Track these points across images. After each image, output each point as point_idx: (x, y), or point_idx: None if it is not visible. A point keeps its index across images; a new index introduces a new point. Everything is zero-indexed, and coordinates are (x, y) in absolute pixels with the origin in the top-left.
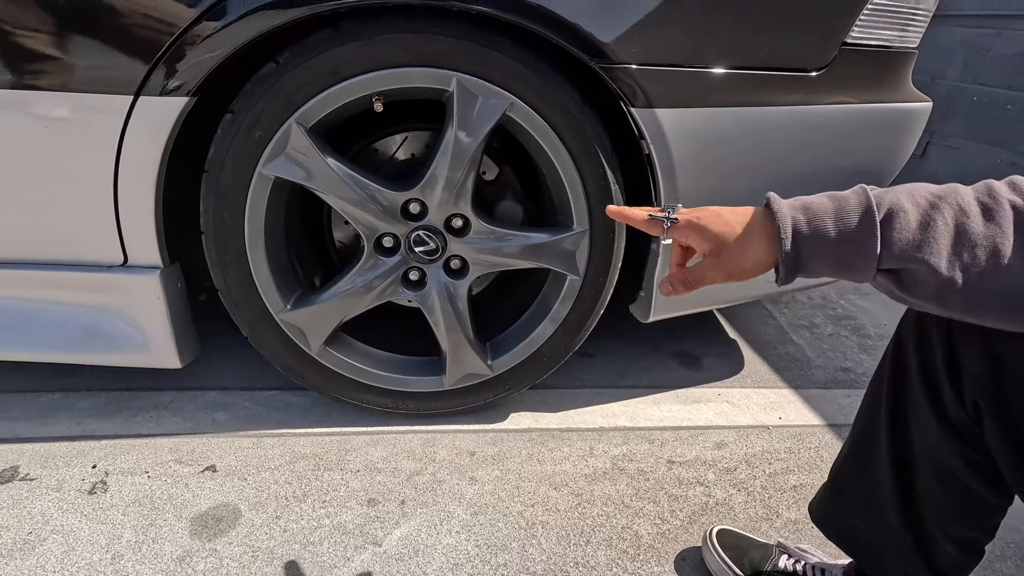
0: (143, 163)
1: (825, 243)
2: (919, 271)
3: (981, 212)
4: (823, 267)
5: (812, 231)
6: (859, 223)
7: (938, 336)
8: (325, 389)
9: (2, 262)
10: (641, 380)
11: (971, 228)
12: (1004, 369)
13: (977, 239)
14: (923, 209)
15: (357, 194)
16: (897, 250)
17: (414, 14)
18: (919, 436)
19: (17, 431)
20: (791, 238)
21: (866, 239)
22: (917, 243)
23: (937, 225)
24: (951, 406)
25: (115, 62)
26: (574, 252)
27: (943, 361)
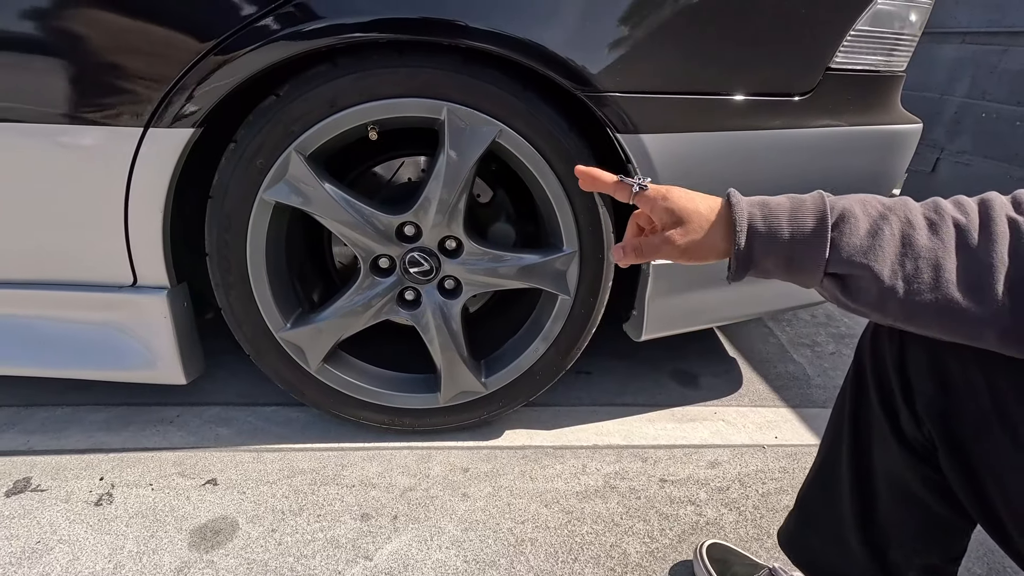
0: (152, 190)
1: (778, 242)
2: (863, 277)
3: (927, 226)
4: (773, 266)
5: (767, 229)
6: (812, 226)
7: (891, 357)
8: (324, 405)
9: (20, 282)
10: (637, 398)
11: (916, 240)
12: (952, 392)
13: (920, 252)
14: (872, 218)
15: (353, 217)
16: (844, 255)
17: (406, 49)
18: (880, 458)
19: (32, 444)
20: (746, 233)
21: (816, 241)
22: (864, 249)
23: (884, 234)
24: (908, 427)
25: (127, 97)
26: (565, 272)
27: (897, 382)
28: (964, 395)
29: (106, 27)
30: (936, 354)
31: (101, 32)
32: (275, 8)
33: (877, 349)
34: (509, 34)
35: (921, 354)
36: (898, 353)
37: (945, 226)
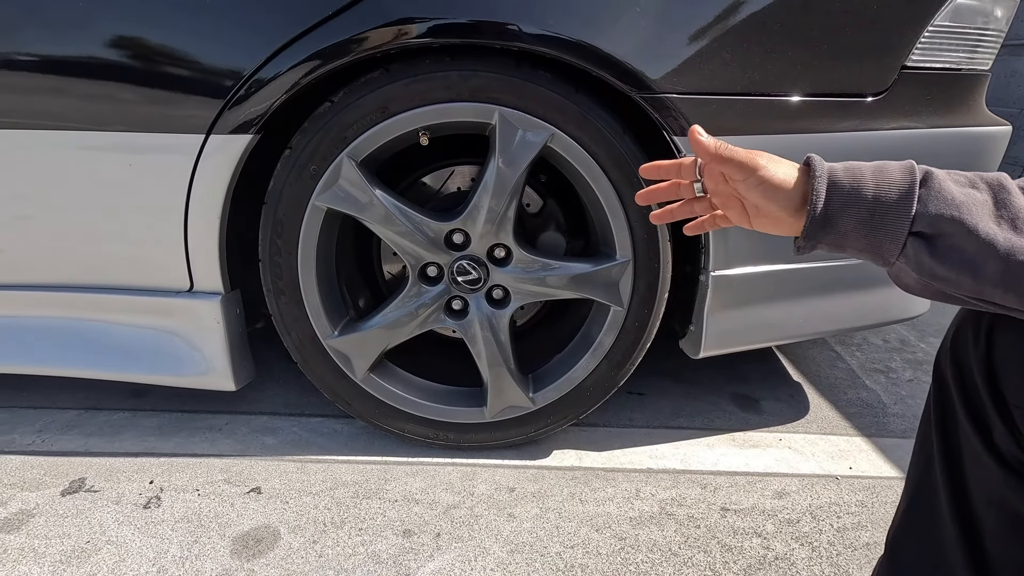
0: (211, 195)
1: (860, 197)
2: (955, 234)
3: (1022, 191)
4: (853, 226)
5: (850, 182)
6: (899, 180)
7: (978, 362)
8: (368, 416)
9: (83, 286)
10: (694, 421)
11: (1012, 201)
12: None
13: (1018, 211)
14: (960, 183)
15: (402, 224)
16: (934, 209)
17: (458, 53)
18: (977, 483)
19: (89, 446)
20: (826, 184)
21: (903, 197)
22: (956, 203)
23: (976, 195)
24: (1004, 442)
25: (191, 105)
26: (618, 282)
27: (987, 392)
28: None
29: (174, 37)
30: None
31: (171, 41)
32: (330, 18)
33: (959, 353)
34: (563, 36)
35: (1014, 357)
36: (985, 357)
37: None
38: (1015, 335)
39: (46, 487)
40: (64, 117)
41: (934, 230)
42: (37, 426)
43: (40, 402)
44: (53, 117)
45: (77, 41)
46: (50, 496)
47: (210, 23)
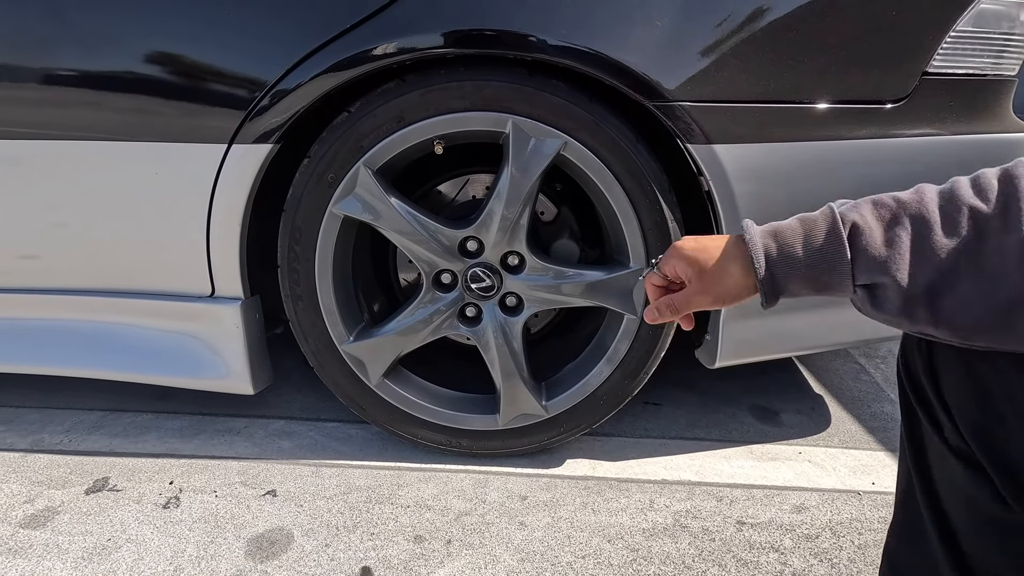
0: (233, 203)
1: (796, 265)
2: (887, 286)
3: (941, 222)
4: (801, 287)
5: (782, 255)
6: (825, 243)
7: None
8: (382, 422)
9: (114, 291)
10: (711, 433)
11: (932, 241)
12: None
13: (937, 252)
14: (886, 222)
15: (417, 231)
16: (864, 267)
17: (472, 63)
18: (944, 482)
19: (113, 446)
20: (764, 264)
21: (836, 259)
22: (883, 259)
23: (901, 240)
24: (953, 438)
25: (214, 116)
26: (631, 290)
27: (933, 395)
28: (1006, 412)
29: (198, 50)
30: (969, 364)
31: (195, 55)
32: (348, 31)
33: (908, 359)
34: (578, 46)
35: (952, 365)
36: (928, 362)
37: (961, 218)
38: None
39: (71, 485)
40: (95, 128)
41: (869, 281)
42: (65, 426)
43: (69, 403)
44: (85, 128)
45: (108, 56)
46: (75, 494)
47: (232, 37)
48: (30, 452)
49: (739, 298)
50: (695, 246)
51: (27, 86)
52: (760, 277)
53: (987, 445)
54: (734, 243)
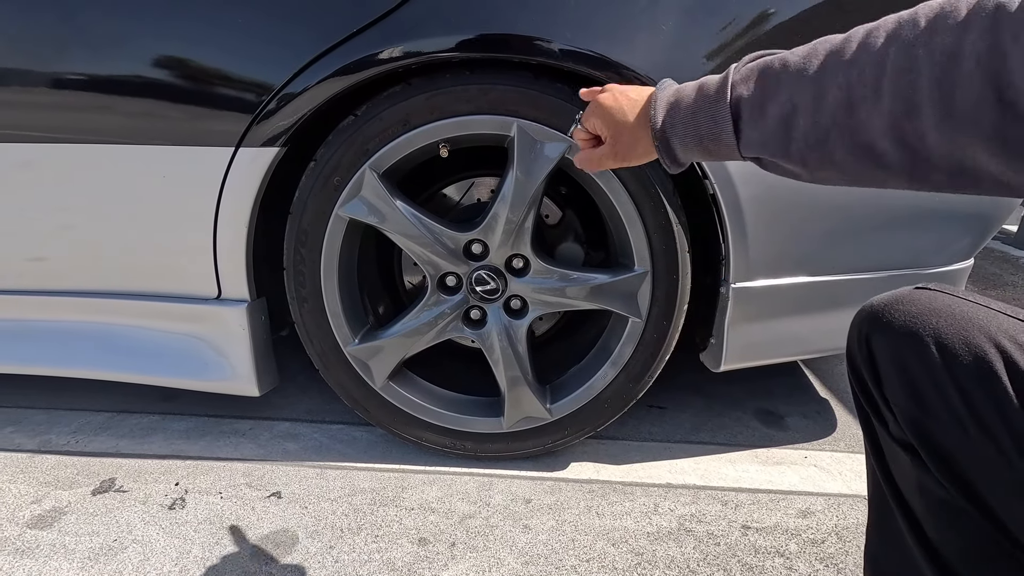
0: (239, 206)
1: (688, 131)
2: (767, 161)
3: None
4: (693, 153)
5: (677, 119)
6: (710, 114)
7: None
8: (387, 424)
9: (122, 293)
10: (716, 437)
11: (815, 121)
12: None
13: (812, 132)
14: (769, 93)
15: (422, 234)
16: (746, 142)
17: (477, 67)
18: (900, 474)
19: (120, 447)
20: (660, 125)
21: (720, 130)
22: (760, 141)
23: (777, 115)
24: (897, 431)
25: (221, 120)
26: (636, 294)
27: (876, 392)
28: (935, 404)
29: (206, 55)
30: (902, 361)
31: (203, 59)
32: (354, 35)
33: (852, 358)
34: (583, 50)
35: (885, 359)
36: (868, 360)
37: (836, 84)
38: (883, 338)
39: (78, 486)
40: (104, 132)
41: (754, 156)
42: (73, 427)
43: (76, 404)
44: (94, 132)
45: (117, 62)
46: (82, 495)
47: (240, 41)
48: (38, 453)
49: (644, 159)
50: (611, 104)
51: (40, 91)
52: (655, 140)
53: (922, 436)
54: (644, 108)
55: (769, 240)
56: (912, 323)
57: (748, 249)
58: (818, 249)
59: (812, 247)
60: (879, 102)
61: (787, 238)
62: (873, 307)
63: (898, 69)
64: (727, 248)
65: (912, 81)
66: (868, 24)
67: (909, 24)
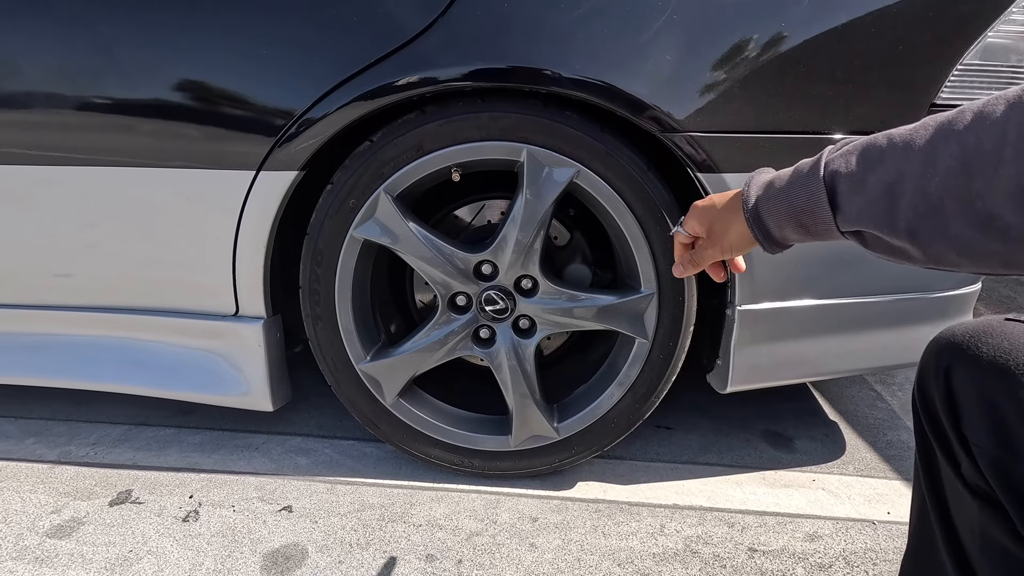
0: (259, 227)
1: (780, 207)
2: (870, 234)
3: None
4: (788, 230)
5: (768, 197)
6: (804, 187)
7: (941, 401)
8: (396, 440)
9: (143, 309)
10: (723, 458)
11: (922, 187)
12: (1013, 447)
13: (924, 196)
14: (869, 166)
15: (434, 255)
16: (845, 215)
17: (489, 96)
18: (959, 515)
19: (136, 459)
20: (752, 205)
21: (815, 203)
22: (861, 210)
23: (880, 186)
24: (971, 475)
25: (244, 144)
26: (643, 315)
27: (951, 429)
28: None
29: (231, 82)
30: (990, 401)
31: (228, 86)
32: (372, 65)
33: (925, 391)
34: (591, 79)
35: (969, 396)
36: (946, 394)
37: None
38: (967, 372)
39: (96, 497)
40: (132, 155)
41: (854, 229)
42: (92, 439)
43: (96, 416)
44: (124, 155)
45: (147, 90)
46: (99, 506)
47: (263, 70)
48: (58, 463)
49: (743, 246)
50: (706, 203)
51: (79, 116)
52: (747, 217)
53: (1005, 480)
54: (736, 194)
55: (774, 263)
56: (1004, 359)
57: (753, 272)
58: (824, 272)
59: (818, 270)
60: (999, 167)
61: (792, 261)
62: (956, 337)
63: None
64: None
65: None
66: (985, 97)
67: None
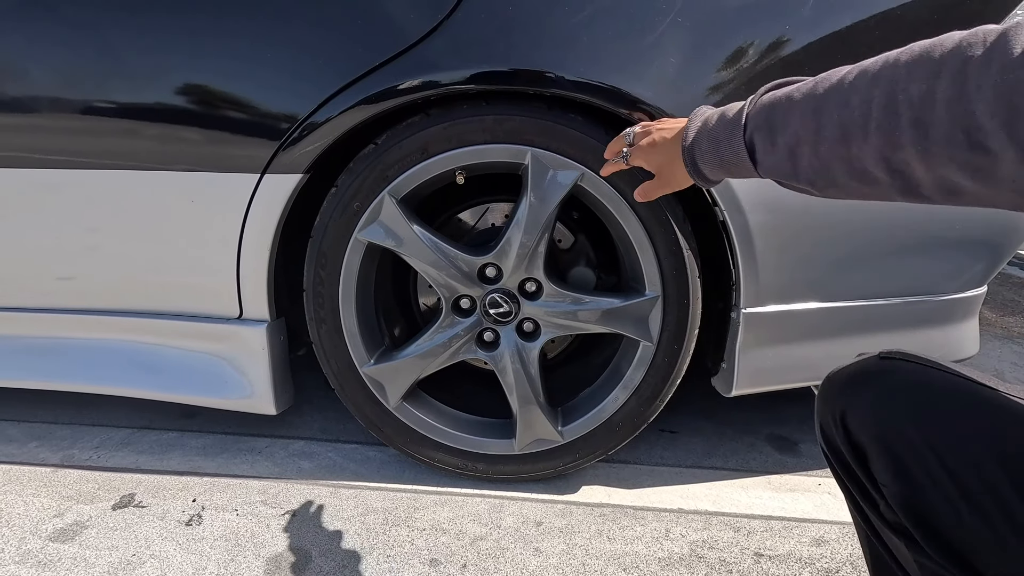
0: (263, 230)
1: (711, 154)
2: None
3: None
4: (718, 172)
5: (702, 143)
6: (730, 143)
7: (845, 448)
8: (400, 444)
9: (147, 312)
10: (728, 462)
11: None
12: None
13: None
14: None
15: (438, 258)
16: (764, 168)
17: (493, 98)
18: (899, 553)
19: (140, 463)
20: (690, 154)
21: (741, 160)
22: (772, 166)
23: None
24: (889, 515)
25: (249, 147)
26: (647, 318)
27: (862, 473)
28: (924, 482)
29: (235, 86)
30: (884, 440)
31: (232, 90)
32: (376, 69)
33: (830, 440)
34: (593, 82)
35: (869, 442)
36: (846, 441)
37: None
38: (859, 417)
39: (99, 500)
40: (139, 159)
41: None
42: (95, 442)
43: (99, 420)
44: (130, 159)
45: (154, 94)
46: (102, 509)
47: (268, 74)
48: (61, 467)
49: (686, 183)
50: (648, 144)
51: (85, 120)
52: (687, 166)
53: (912, 515)
54: (676, 144)
55: (779, 266)
56: (887, 398)
57: (758, 275)
58: (829, 275)
59: (823, 273)
60: (867, 139)
61: (797, 264)
62: (842, 383)
63: (882, 109)
64: (737, 274)
65: (894, 121)
66: (862, 63)
67: (892, 67)
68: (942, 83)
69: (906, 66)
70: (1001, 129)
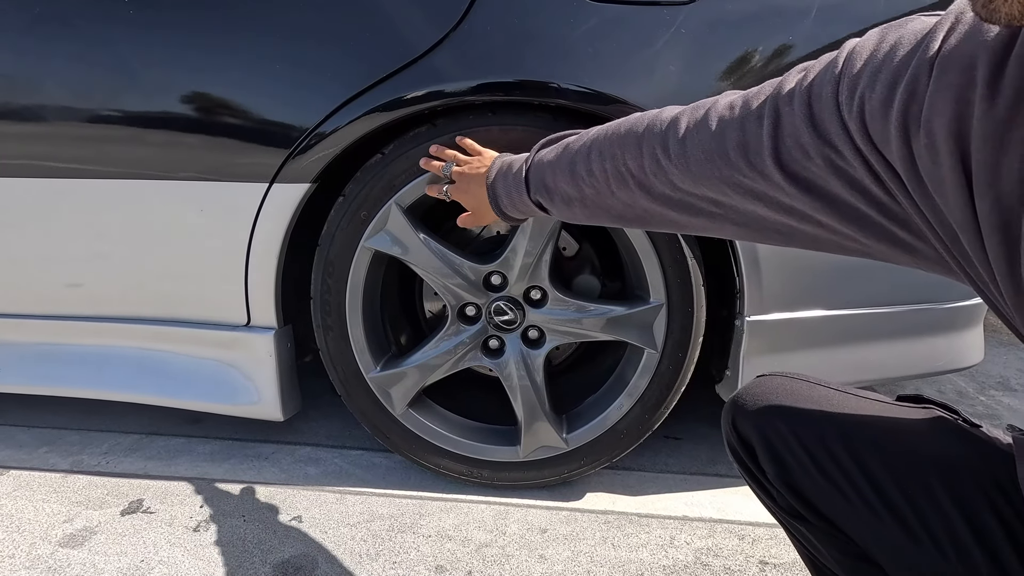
0: (271, 238)
1: (511, 208)
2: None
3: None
4: (516, 214)
5: (504, 204)
6: (521, 199)
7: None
8: (405, 450)
9: (155, 319)
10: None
11: (583, 203)
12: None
13: (583, 210)
14: (559, 193)
15: (444, 266)
16: (551, 214)
17: (499, 109)
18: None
19: (148, 469)
20: (495, 200)
21: (532, 212)
22: (556, 213)
23: (567, 205)
24: (784, 503)
25: (258, 157)
26: (651, 325)
27: (757, 471)
28: (792, 464)
29: (244, 96)
30: (764, 436)
31: (241, 100)
32: (384, 80)
33: (732, 448)
34: (597, 91)
35: (754, 440)
36: (740, 444)
37: (583, 193)
38: (745, 420)
39: (108, 506)
40: (145, 167)
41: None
42: (104, 448)
43: (108, 426)
44: (136, 167)
45: (159, 101)
46: (111, 515)
47: (277, 86)
48: (70, 473)
49: (494, 218)
50: (462, 189)
51: (95, 129)
52: (493, 209)
53: (794, 492)
54: (482, 187)
55: (783, 274)
56: (762, 402)
57: (762, 283)
58: (832, 283)
59: (826, 281)
60: (615, 196)
61: (801, 272)
62: (732, 399)
63: (615, 177)
64: (741, 282)
65: (626, 183)
66: (600, 131)
67: (611, 142)
68: (629, 154)
69: (618, 142)
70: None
